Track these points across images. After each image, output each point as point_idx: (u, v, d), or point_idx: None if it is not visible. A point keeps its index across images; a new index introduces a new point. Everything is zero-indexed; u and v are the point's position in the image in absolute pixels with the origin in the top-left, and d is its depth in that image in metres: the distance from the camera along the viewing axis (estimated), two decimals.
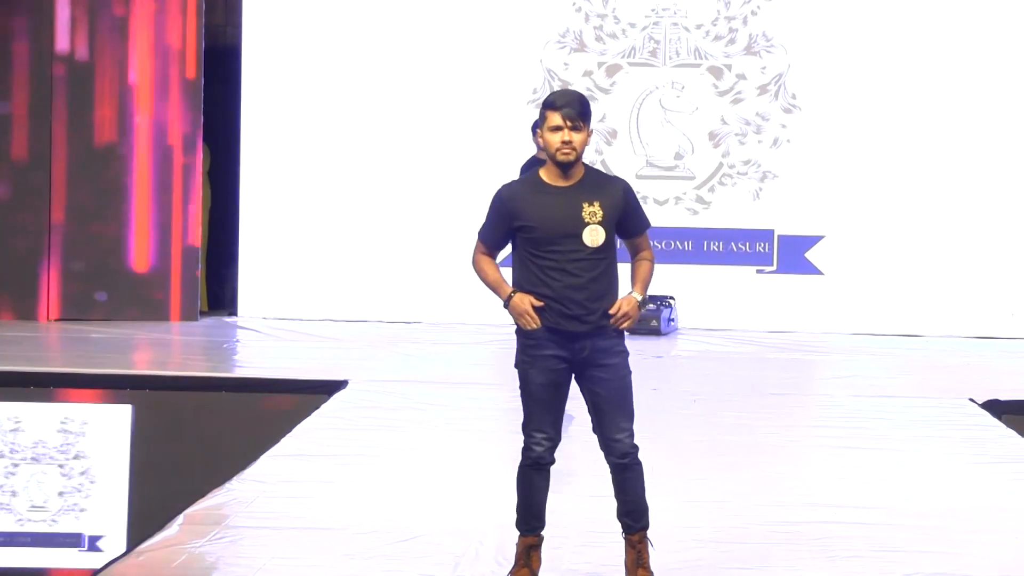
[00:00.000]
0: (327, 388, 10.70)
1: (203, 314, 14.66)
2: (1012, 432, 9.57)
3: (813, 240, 14.61)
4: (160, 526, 6.87)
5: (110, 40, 14.13)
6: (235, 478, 7.85)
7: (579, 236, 5.91)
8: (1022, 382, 11.62)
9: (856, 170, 14.56)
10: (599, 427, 6.01)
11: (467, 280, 14.13)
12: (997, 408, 10.32)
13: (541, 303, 5.91)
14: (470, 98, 14.66)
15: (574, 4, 14.71)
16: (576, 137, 5.89)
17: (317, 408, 10.03)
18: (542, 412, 5.98)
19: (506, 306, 6.00)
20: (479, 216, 6.16)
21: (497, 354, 12.97)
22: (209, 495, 7.46)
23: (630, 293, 6.02)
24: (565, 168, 5.95)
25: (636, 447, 6.00)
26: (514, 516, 6.09)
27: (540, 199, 5.96)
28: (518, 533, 6.09)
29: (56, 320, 14.10)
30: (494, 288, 6.08)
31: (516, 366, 6.05)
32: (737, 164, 14.64)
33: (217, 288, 15.26)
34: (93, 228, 14.19)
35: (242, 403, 10.66)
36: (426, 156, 14.63)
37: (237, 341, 13.63)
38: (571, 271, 5.93)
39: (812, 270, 14.62)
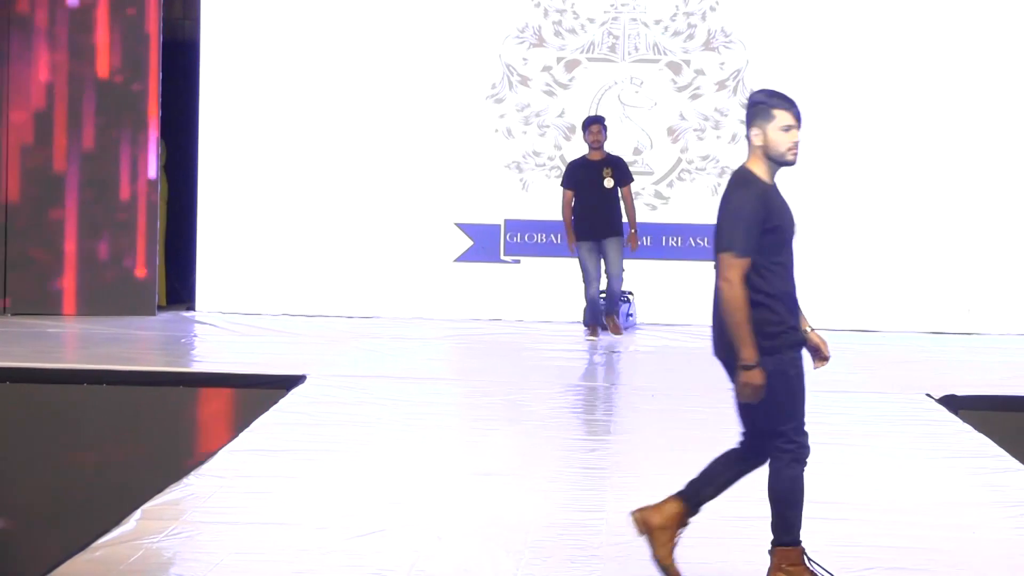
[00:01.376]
0: (285, 383, 10.66)
1: (161, 309, 14.60)
2: (968, 427, 9.61)
3: None
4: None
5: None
6: (192, 473, 7.82)
7: (793, 237, 5.80)
8: (978, 377, 11.69)
9: (813, 166, 14.56)
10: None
11: (425, 274, 14.26)
12: (953, 403, 10.38)
13: None
14: (429, 93, 14.63)
15: None
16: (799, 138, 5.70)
17: (275, 403, 10.00)
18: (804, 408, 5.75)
19: (747, 369, 5.54)
20: (437, 210, 6.12)
21: (455, 349, 12.96)
22: (166, 490, 7.42)
23: (808, 330, 5.91)
24: (784, 167, 5.73)
25: None
26: (781, 530, 5.81)
27: (777, 199, 5.71)
28: (794, 545, 5.78)
29: (14, 314, 14.03)
30: (744, 340, 5.52)
31: (781, 375, 5.66)
32: (696, 159, 14.66)
33: (175, 283, 15.19)
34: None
35: (199, 398, 10.61)
36: (384, 151, 14.59)
37: (195, 336, 13.59)
38: (791, 273, 5.82)
39: None
